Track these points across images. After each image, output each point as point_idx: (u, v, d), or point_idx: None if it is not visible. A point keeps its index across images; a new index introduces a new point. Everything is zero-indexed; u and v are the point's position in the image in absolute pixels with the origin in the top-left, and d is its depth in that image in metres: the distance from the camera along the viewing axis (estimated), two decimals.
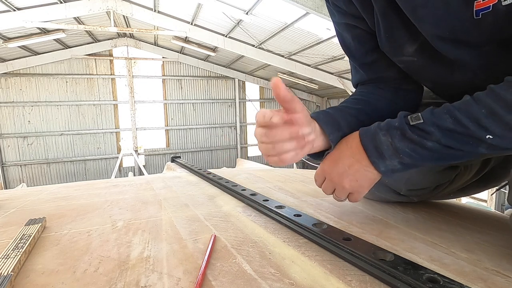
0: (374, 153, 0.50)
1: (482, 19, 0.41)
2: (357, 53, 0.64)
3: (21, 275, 0.43)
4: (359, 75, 0.67)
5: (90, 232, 0.59)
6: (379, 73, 0.64)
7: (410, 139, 0.47)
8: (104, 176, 10.50)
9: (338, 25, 0.65)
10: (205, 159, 12.02)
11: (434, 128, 0.44)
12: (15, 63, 9.20)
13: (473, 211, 0.72)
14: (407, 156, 0.47)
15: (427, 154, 0.46)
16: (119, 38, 10.28)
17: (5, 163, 9.67)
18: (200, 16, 7.34)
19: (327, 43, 7.21)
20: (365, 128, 0.53)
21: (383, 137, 0.49)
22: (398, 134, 0.48)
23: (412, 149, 0.47)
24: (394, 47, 0.56)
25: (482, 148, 0.42)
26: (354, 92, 0.68)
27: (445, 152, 0.45)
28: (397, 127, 0.48)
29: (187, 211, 0.72)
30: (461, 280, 0.40)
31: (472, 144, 0.43)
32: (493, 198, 6.73)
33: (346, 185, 0.54)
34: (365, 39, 0.61)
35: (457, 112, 0.43)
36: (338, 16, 0.63)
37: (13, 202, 0.85)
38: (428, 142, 0.45)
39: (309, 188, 0.94)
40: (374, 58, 0.62)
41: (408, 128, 0.47)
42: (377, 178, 0.53)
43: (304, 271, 0.43)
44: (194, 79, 11.52)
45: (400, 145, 0.47)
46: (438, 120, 0.44)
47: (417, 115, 0.46)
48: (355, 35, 0.63)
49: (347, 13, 0.61)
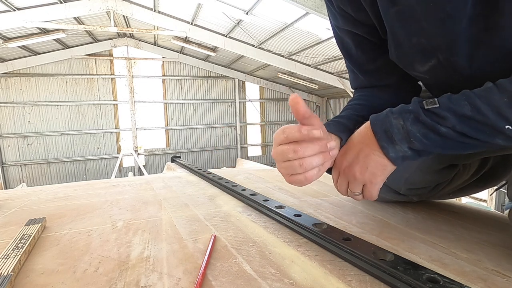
0: (383, 137, 0.47)
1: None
2: (359, 60, 0.62)
3: (21, 275, 0.43)
4: (359, 80, 0.65)
5: (90, 232, 0.59)
6: (380, 80, 0.63)
7: (423, 122, 0.44)
8: (104, 176, 10.50)
9: (339, 30, 0.63)
10: (205, 159, 12.03)
11: (450, 114, 0.42)
12: (15, 63, 9.20)
13: (473, 211, 0.72)
14: (418, 141, 0.45)
15: (439, 140, 0.44)
16: (119, 38, 10.28)
17: (5, 163, 9.67)
18: (200, 16, 7.34)
19: (327, 43, 7.20)
20: (376, 114, 0.51)
21: (394, 120, 0.47)
22: (411, 118, 0.45)
23: (424, 134, 0.44)
24: (405, 64, 0.54)
25: (499, 139, 0.41)
26: (354, 96, 0.66)
27: (458, 140, 0.43)
28: (411, 111, 0.46)
29: (187, 211, 0.72)
30: (461, 280, 0.40)
31: (489, 134, 0.41)
32: (493, 198, 6.73)
33: (357, 173, 0.51)
34: (368, 48, 0.60)
35: (477, 99, 0.41)
36: (342, 22, 0.60)
37: (13, 202, 0.85)
38: (442, 128, 0.43)
39: (309, 188, 0.94)
40: (376, 66, 0.61)
41: (422, 112, 0.44)
42: (388, 166, 0.50)
43: (304, 271, 0.43)
44: (194, 79, 11.52)
45: (412, 129, 0.45)
46: (455, 105, 0.42)
47: (433, 100, 0.44)
48: (357, 43, 0.61)
49: (354, 20, 0.58)
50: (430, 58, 0.49)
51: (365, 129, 0.51)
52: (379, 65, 0.61)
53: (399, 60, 0.54)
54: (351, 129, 0.54)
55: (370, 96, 0.63)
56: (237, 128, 12.38)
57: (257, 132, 13.12)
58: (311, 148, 0.46)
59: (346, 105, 0.63)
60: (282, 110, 13.20)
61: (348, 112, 0.59)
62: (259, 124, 12.98)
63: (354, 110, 0.60)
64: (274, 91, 12.83)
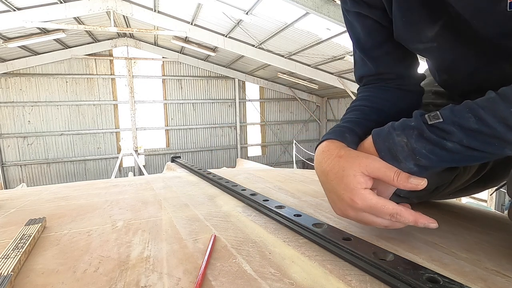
0: (388, 155, 0.47)
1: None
2: (367, 44, 0.62)
3: (21, 275, 0.43)
4: (366, 68, 0.64)
5: (90, 232, 0.59)
6: (387, 67, 0.62)
7: (428, 139, 0.43)
8: (104, 176, 10.51)
9: (348, 13, 0.62)
10: (205, 159, 12.03)
11: (455, 128, 0.41)
12: (15, 63, 9.21)
13: (473, 211, 0.72)
14: (424, 157, 0.44)
15: (446, 155, 0.43)
16: (119, 38, 10.28)
17: (5, 163, 9.68)
18: (200, 16, 7.34)
19: (327, 43, 7.21)
20: (378, 129, 0.50)
21: (397, 138, 0.46)
22: (415, 135, 0.44)
23: (430, 150, 0.43)
24: (412, 32, 0.52)
25: (508, 149, 0.40)
26: (358, 96, 0.65)
27: (467, 154, 0.42)
28: (414, 127, 0.45)
29: (187, 211, 0.72)
30: (461, 280, 0.40)
31: (497, 146, 0.40)
32: (493, 198, 6.73)
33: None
34: (376, 31, 0.59)
35: (481, 110, 0.39)
36: (350, 4, 0.60)
37: (13, 202, 0.85)
38: (448, 143, 0.42)
39: (309, 188, 0.94)
40: (383, 52, 0.60)
41: (426, 128, 0.43)
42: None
43: (304, 271, 0.43)
44: (194, 79, 11.53)
45: (417, 146, 0.44)
46: (459, 119, 0.41)
47: (436, 114, 0.43)
48: (365, 26, 0.60)
49: (362, 2, 0.58)
50: (438, 17, 0.48)
51: (368, 146, 0.50)
52: (387, 51, 0.60)
53: (406, 30, 0.53)
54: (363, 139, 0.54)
55: (374, 97, 0.62)
56: (237, 128, 12.39)
57: (257, 132, 13.13)
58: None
59: (353, 105, 0.62)
60: (282, 110, 13.22)
61: (358, 116, 0.58)
62: (259, 124, 12.99)
63: (363, 113, 0.59)
64: (274, 91, 12.84)
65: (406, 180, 0.44)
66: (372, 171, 0.46)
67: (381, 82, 0.63)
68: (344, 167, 0.48)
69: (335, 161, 0.50)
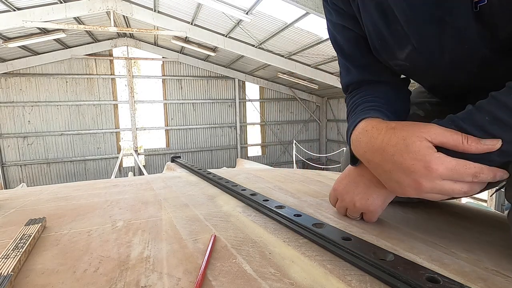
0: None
1: (480, 12, 0.40)
2: (352, 54, 0.64)
3: (21, 275, 0.43)
4: (351, 75, 0.65)
5: (90, 232, 0.59)
6: (372, 74, 0.63)
7: None
8: (104, 176, 10.51)
9: (333, 25, 0.65)
10: (205, 159, 12.03)
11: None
12: (15, 63, 9.20)
13: (473, 211, 0.72)
14: None
15: None
16: (119, 38, 10.28)
17: (5, 163, 9.68)
18: (200, 16, 7.34)
19: (327, 43, 7.21)
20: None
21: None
22: None
23: None
24: (387, 53, 0.56)
25: (493, 155, 0.40)
26: (354, 98, 0.65)
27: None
28: None
29: (187, 211, 0.72)
30: (461, 280, 0.40)
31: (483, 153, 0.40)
32: (493, 198, 6.73)
33: (357, 203, 0.56)
34: (360, 42, 0.61)
35: (461, 122, 0.41)
36: (336, 16, 0.62)
37: (13, 202, 0.85)
38: None
39: (309, 188, 0.94)
40: (369, 60, 0.61)
41: None
42: (390, 196, 0.54)
43: (304, 271, 0.43)
44: (194, 79, 11.52)
45: None
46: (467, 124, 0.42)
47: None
48: (350, 38, 0.62)
49: (345, 14, 0.60)
50: (405, 45, 0.51)
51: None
52: (371, 60, 0.61)
53: (382, 51, 0.56)
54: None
55: (372, 91, 0.62)
56: (237, 128, 12.39)
57: (257, 132, 13.13)
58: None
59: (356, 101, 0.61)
60: (282, 110, 13.21)
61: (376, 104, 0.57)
62: (259, 124, 12.99)
63: (374, 101, 0.58)
64: (274, 91, 12.83)
65: (478, 142, 0.40)
66: (436, 136, 0.41)
67: (373, 85, 0.64)
68: (404, 136, 0.43)
69: (390, 133, 0.45)
